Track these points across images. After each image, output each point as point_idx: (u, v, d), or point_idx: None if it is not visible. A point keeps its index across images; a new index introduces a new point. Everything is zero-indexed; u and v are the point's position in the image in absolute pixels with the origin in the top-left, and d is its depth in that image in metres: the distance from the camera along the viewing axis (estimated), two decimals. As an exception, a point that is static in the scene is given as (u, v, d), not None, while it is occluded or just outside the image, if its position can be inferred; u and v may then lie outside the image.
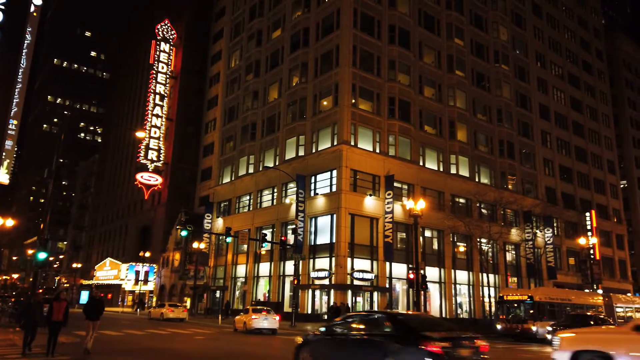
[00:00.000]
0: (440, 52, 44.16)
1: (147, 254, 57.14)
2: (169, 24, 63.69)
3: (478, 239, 39.19)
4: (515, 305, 28.98)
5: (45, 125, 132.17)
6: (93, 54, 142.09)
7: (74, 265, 79.97)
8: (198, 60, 63.09)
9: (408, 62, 40.91)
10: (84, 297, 60.44)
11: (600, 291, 45.36)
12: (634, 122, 76.75)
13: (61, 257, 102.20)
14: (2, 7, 57.01)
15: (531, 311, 27.96)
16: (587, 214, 55.47)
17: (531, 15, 57.14)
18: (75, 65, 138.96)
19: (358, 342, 9.82)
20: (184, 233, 35.51)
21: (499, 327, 28.98)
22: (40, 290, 43.82)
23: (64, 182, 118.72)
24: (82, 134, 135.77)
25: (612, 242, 60.73)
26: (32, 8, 74.46)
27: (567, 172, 56.80)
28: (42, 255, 22.66)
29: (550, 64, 58.71)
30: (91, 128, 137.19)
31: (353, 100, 36.75)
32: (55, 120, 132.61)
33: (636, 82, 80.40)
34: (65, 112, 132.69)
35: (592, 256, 50.91)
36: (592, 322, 25.12)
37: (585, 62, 65.99)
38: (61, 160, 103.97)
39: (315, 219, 36.85)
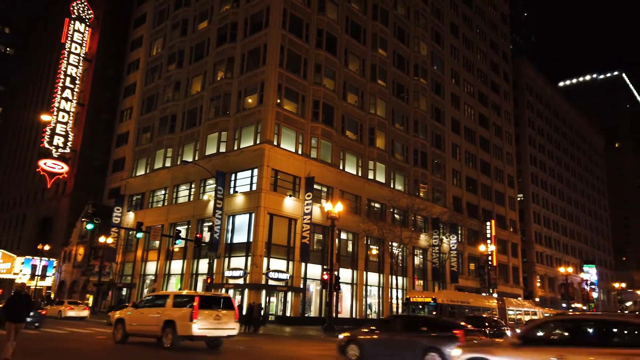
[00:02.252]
0: (364, 61, 45.59)
1: (47, 247, 52.90)
2: (85, 3, 59.52)
3: (390, 243, 40.92)
4: (420, 306, 30.68)
5: None
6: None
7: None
8: (116, 44, 59.64)
9: (334, 67, 41.78)
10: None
11: (495, 295, 49.28)
12: (533, 141, 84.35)
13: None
14: None
15: (434, 312, 29.75)
16: (488, 223, 60.02)
17: (449, 34, 60.81)
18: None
19: None
20: (90, 226, 33.52)
21: (404, 327, 30.45)
22: None
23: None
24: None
25: (507, 250, 66.25)
26: None
27: (473, 183, 61.11)
28: None
29: (464, 81, 62.86)
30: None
31: (278, 100, 36.82)
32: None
33: (536, 105, 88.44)
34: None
35: (490, 262, 55.20)
36: (486, 324, 27.30)
37: (494, 82, 71.46)
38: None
39: (233, 217, 36.38)
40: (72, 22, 57.79)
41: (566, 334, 7.01)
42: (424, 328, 13.47)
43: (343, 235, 40.29)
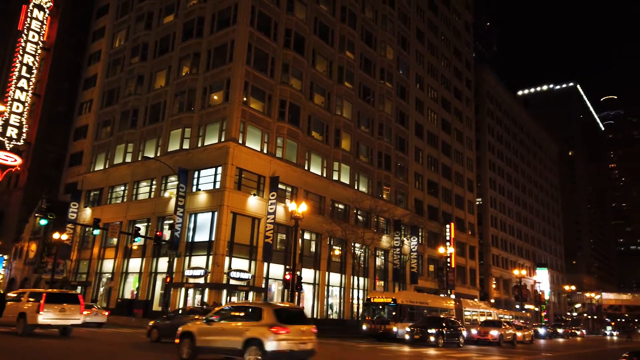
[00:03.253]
0: (332, 62, 45.85)
1: (-4, 243, 50.49)
2: (44, -11, 57.15)
3: (352, 244, 41.30)
4: (381, 307, 31.11)
5: None
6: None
7: None
8: (77, 34, 57.58)
9: (301, 67, 41.81)
10: None
11: (453, 296, 50.56)
12: (492, 147, 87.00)
13: None
14: None
15: (394, 313, 30.24)
16: (448, 226, 61.48)
17: (415, 40, 61.96)
18: None
19: None
20: (43, 222, 32.28)
21: (364, 327, 30.87)
22: None
23: None
24: None
25: (466, 252, 68.07)
26: None
27: (434, 186, 62.46)
28: None
29: (428, 87, 64.18)
30: None
31: (244, 98, 36.52)
32: None
33: (496, 112, 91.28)
34: None
35: (448, 264, 56.55)
36: (444, 324, 28.05)
37: (457, 89, 73.30)
38: None
39: (195, 216, 35.82)
40: (31, 9, 55.41)
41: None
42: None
43: (306, 236, 40.35)
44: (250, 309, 12.70)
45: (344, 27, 47.47)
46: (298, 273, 31.66)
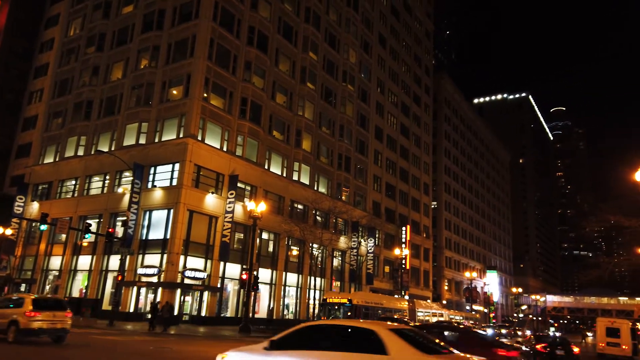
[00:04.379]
0: (295, 63, 45.82)
1: None
2: (-6, -29, 54.24)
3: (310, 244, 41.41)
4: (337, 307, 31.36)
5: None
6: None
7: None
8: (28, 20, 54.90)
9: (264, 66, 41.57)
10: None
11: (407, 297, 51.61)
12: (448, 153, 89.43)
13: None
14: None
15: (349, 313, 30.55)
16: (404, 228, 62.71)
17: (377, 44, 62.86)
18: None
19: None
20: (-14, 215, 30.54)
21: (320, 327, 30.96)
22: None
23: None
24: None
25: (420, 254, 69.63)
26: None
27: (392, 189, 63.56)
28: None
29: (388, 91, 65.25)
30: None
31: (205, 95, 35.93)
32: None
33: (453, 119, 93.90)
34: None
35: (403, 266, 57.67)
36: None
37: (416, 95, 74.92)
38: None
39: (150, 213, 34.91)
40: (-23, -10, 52.43)
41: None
42: None
43: (264, 235, 40.15)
44: (17, 299, 16.88)
45: (307, 28, 47.55)
46: (255, 273, 31.46)
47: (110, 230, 31.30)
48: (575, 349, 23.66)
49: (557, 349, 22.86)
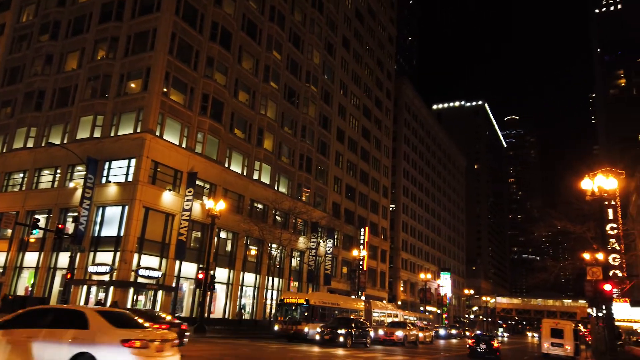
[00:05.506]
0: (258, 61, 45.49)
1: None
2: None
3: (269, 244, 41.21)
4: (294, 307, 31.32)
5: None
6: None
7: None
8: (-25, 2, 51.90)
9: (227, 63, 41.05)
10: None
11: (363, 298, 52.20)
12: (407, 157, 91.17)
13: None
14: None
15: (306, 314, 30.59)
16: (362, 229, 63.42)
17: (341, 47, 63.33)
18: None
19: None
20: None
21: (276, 328, 30.90)
22: None
23: None
24: None
25: (377, 255, 70.62)
26: None
27: (352, 191, 64.17)
28: None
29: (351, 93, 65.86)
30: None
31: (165, 89, 35.08)
32: None
33: (412, 123, 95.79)
34: None
35: (361, 267, 58.31)
36: (353, 325, 28.97)
37: (378, 98, 75.97)
38: None
39: (103, 209, 33.76)
40: None
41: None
42: None
43: (223, 234, 39.63)
44: None
45: (272, 27, 47.32)
46: (212, 272, 31.04)
47: (60, 226, 30.02)
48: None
49: (480, 344, 27.63)
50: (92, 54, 38.51)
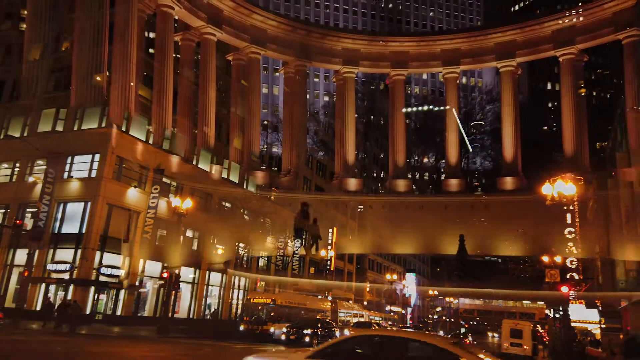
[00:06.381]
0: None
1: None
2: None
3: (237, 243, 40.86)
4: (260, 307, 31.23)
5: None
6: None
7: None
8: None
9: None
10: None
11: (330, 298, 52.40)
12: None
13: None
14: None
15: (272, 314, 30.55)
16: (330, 230, 63.54)
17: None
18: None
19: None
20: None
21: (241, 328, 30.71)
22: None
23: None
24: None
25: (344, 256, 70.91)
26: None
27: (321, 191, 64.27)
28: None
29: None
30: None
31: (132, 83, 34.31)
32: None
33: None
34: None
35: (328, 267, 58.50)
36: (319, 325, 29.05)
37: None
38: None
39: (64, 205, 32.70)
40: None
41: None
42: None
43: (189, 233, 39.02)
44: None
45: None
46: (177, 271, 30.57)
47: (17, 221, 29.01)
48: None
49: None
50: (56, 44, 37.24)
